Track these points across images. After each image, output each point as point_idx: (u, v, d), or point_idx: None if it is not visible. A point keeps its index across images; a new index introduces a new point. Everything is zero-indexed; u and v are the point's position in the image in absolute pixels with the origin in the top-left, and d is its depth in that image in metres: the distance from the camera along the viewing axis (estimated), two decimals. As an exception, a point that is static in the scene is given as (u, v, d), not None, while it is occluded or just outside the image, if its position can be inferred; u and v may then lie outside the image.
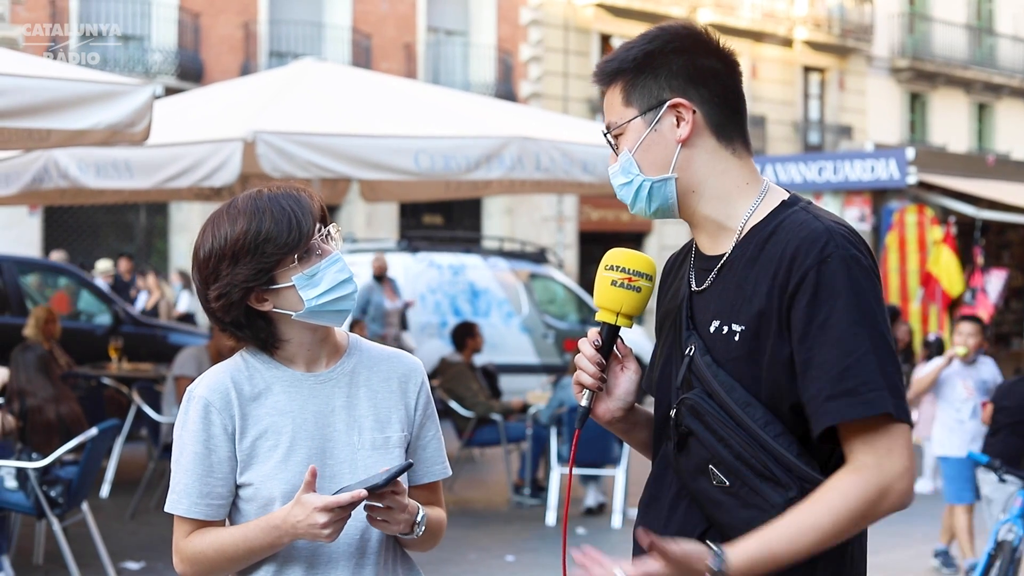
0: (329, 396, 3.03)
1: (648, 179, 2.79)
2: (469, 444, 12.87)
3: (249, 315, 2.96)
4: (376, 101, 11.63)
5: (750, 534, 2.55)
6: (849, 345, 2.56)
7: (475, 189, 14.41)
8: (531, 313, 19.83)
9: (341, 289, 2.96)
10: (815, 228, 2.64)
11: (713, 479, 2.66)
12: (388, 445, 3.04)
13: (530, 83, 30.92)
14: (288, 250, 2.90)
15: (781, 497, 2.58)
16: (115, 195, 13.00)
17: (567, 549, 3.01)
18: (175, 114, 11.23)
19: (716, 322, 2.72)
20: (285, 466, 2.94)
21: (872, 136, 33.69)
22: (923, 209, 17.65)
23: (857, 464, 2.57)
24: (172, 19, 26.45)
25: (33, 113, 7.83)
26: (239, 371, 3.01)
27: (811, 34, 35.93)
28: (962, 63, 39.93)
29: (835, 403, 2.55)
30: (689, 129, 2.76)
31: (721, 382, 2.66)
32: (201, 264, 2.96)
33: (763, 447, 2.60)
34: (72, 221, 25.21)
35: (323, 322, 2.99)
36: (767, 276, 2.65)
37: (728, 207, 2.79)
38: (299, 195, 2.96)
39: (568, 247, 30.73)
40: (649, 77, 2.77)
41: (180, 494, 2.95)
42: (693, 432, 2.69)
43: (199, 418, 2.94)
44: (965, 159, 23.32)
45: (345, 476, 2.97)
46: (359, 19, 28.72)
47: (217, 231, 2.93)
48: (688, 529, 2.74)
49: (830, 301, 2.58)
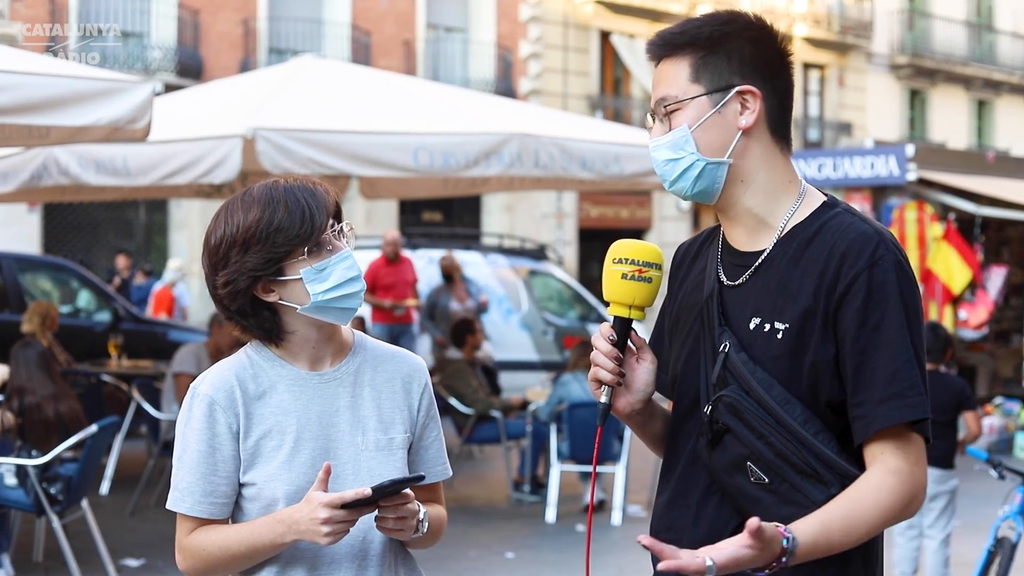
0: (334, 396, 3.02)
1: (703, 159, 2.77)
2: (469, 441, 12.87)
3: (255, 305, 2.95)
4: (375, 98, 11.63)
5: (808, 517, 2.56)
6: (897, 350, 2.60)
7: (474, 186, 14.40)
8: (531, 310, 19.83)
9: (348, 287, 2.94)
10: (865, 231, 2.67)
11: (751, 476, 2.67)
12: (392, 446, 3.03)
13: (529, 80, 30.90)
14: (299, 242, 2.89)
15: (823, 494, 2.61)
16: (115, 192, 13.00)
17: (590, 549, 3.00)
18: (175, 111, 11.22)
19: (757, 319, 2.72)
20: (290, 466, 2.94)
21: (872, 133, 33.68)
22: (923, 206, 17.62)
23: (892, 468, 2.61)
24: (172, 16, 26.42)
25: (33, 110, 7.82)
26: (244, 369, 2.99)
27: (811, 31, 35.91)
28: (962, 60, 39.92)
29: (885, 407, 2.59)
30: (754, 118, 2.76)
31: (759, 379, 2.66)
32: (211, 250, 2.94)
33: (804, 444, 2.62)
34: (72, 218, 25.20)
35: (328, 318, 2.97)
36: (813, 276, 2.67)
37: (772, 203, 2.79)
38: (315, 189, 2.96)
39: (568, 244, 30.72)
40: (722, 58, 2.77)
41: (183, 492, 2.93)
42: (731, 429, 2.68)
43: (203, 416, 2.93)
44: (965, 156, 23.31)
45: (349, 477, 2.97)
46: (358, 16, 28.70)
47: (231, 218, 2.92)
48: (719, 525, 2.75)
49: (882, 305, 2.61)
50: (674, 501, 2.86)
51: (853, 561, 2.69)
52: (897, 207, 17.82)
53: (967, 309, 17.53)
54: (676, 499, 2.86)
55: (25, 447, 8.34)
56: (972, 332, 17.77)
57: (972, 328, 17.64)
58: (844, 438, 2.66)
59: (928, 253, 17.33)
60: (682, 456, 2.87)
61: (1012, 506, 8.02)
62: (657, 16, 31.15)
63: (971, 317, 17.52)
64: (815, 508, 2.58)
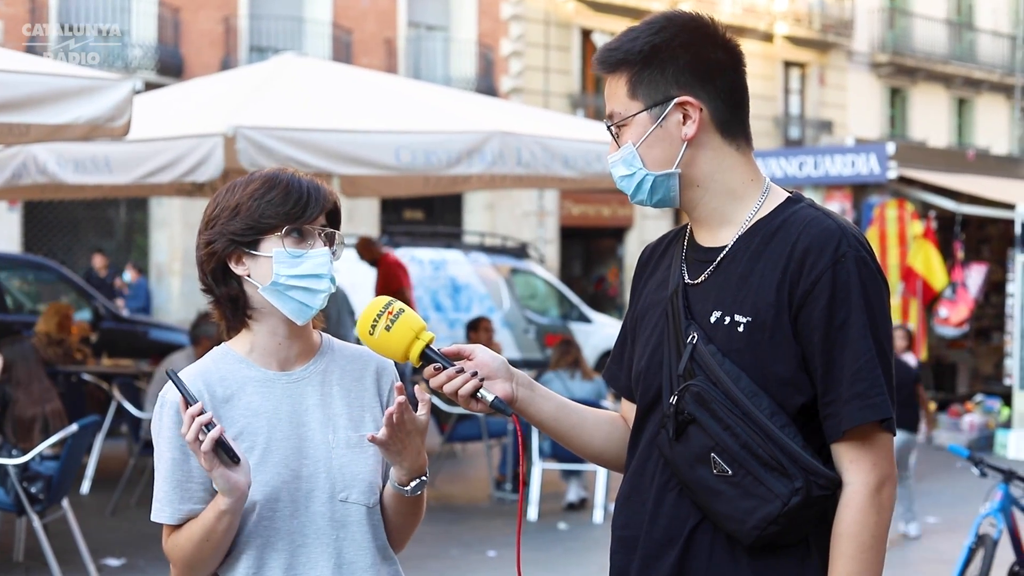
0: (303, 395, 2.99)
1: (651, 174, 2.77)
2: (450, 439, 12.85)
3: (226, 273, 2.94)
4: (356, 96, 11.62)
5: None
6: (860, 349, 2.62)
7: (455, 184, 14.38)
8: (512, 308, 19.85)
9: (313, 281, 2.90)
10: (828, 226, 2.67)
11: (715, 468, 2.65)
12: (363, 444, 3.00)
13: (511, 78, 30.90)
14: (284, 219, 2.89)
15: (786, 487, 2.60)
16: (95, 190, 12.96)
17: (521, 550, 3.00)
18: (155, 109, 11.18)
19: (717, 312, 2.72)
20: (263, 468, 2.90)
21: (852, 131, 33.72)
22: (903, 204, 17.67)
23: (861, 483, 2.64)
24: (152, 14, 26.35)
25: (12, 108, 7.80)
26: (210, 372, 2.96)
27: (791, 29, 35.99)
28: (942, 58, 40.03)
29: (848, 407, 2.61)
30: (696, 128, 2.74)
31: (727, 371, 2.66)
32: (209, 215, 2.96)
33: (769, 437, 2.61)
34: (51, 217, 25.11)
35: (283, 306, 2.93)
36: (776, 270, 2.67)
37: (734, 202, 2.79)
38: (321, 184, 2.98)
39: (549, 242, 30.73)
40: (656, 71, 2.75)
41: (162, 502, 2.91)
42: (696, 420, 2.67)
43: (172, 423, 2.88)
44: (945, 154, 23.36)
45: (321, 476, 2.95)
46: (339, 14, 28.67)
47: (237, 189, 2.95)
48: (677, 522, 2.74)
49: (846, 303, 2.62)
50: (631, 497, 2.85)
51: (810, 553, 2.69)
52: (878, 205, 17.89)
53: (948, 307, 17.59)
54: (633, 494, 2.85)
55: (5, 446, 8.32)
56: (953, 330, 17.85)
57: (953, 326, 17.71)
58: (807, 432, 2.67)
59: (909, 251, 17.39)
60: (640, 449, 2.85)
61: (993, 503, 8.05)
62: (638, 14, 31.12)
63: (952, 315, 17.59)
64: (778, 502, 2.60)
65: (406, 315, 2.81)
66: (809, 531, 2.66)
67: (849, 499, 2.63)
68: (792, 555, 2.66)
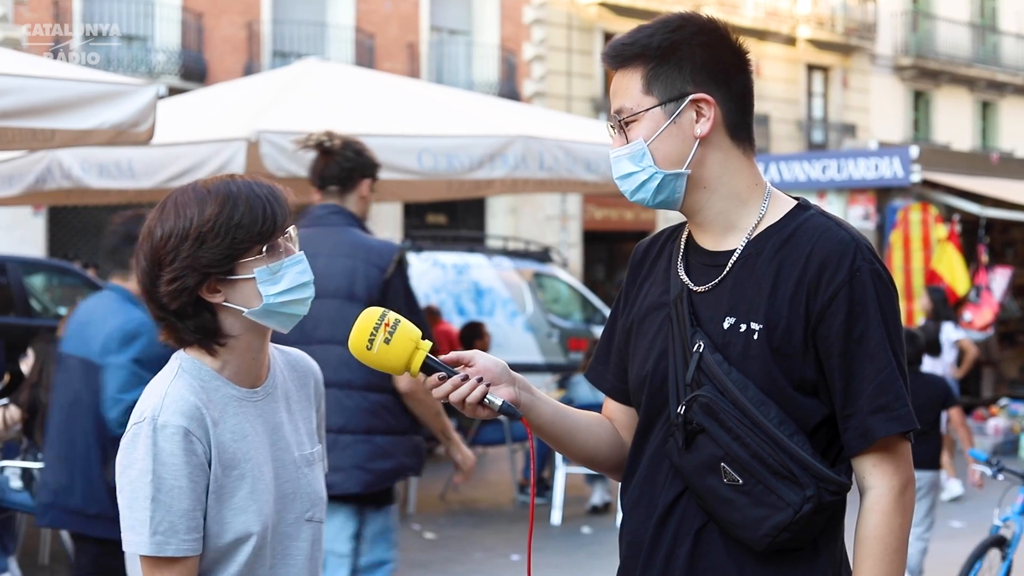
0: (272, 412, 2.87)
1: (661, 172, 2.75)
2: (474, 443, 12.86)
3: (197, 305, 2.74)
4: (379, 101, 11.63)
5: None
6: (881, 362, 2.63)
7: (478, 188, 14.37)
8: (535, 312, 19.83)
9: (299, 292, 2.78)
10: (842, 238, 2.67)
11: (725, 477, 2.65)
12: (315, 459, 2.94)
13: (533, 82, 30.91)
14: (260, 239, 2.72)
15: (798, 496, 2.60)
16: (119, 195, 12.99)
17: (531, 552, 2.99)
18: (179, 114, 11.22)
19: (731, 319, 2.71)
20: (253, 497, 2.76)
21: (876, 134, 33.66)
22: (927, 207, 17.62)
23: (885, 488, 2.66)
24: (175, 19, 26.46)
25: (37, 113, 7.82)
26: (197, 393, 2.75)
27: (814, 32, 35.92)
28: (966, 61, 39.91)
29: (872, 419, 2.62)
30: (710, 126, 2.73)
31: (734, 380, 2.65)
32: (157, 244, 2.72)
33: (779, 446, 2.61)
34: (76, 221, 25.22)
35: (273, 324, 2.79)
36: (790, 278, 2.67)
37: (739, 207, 2.78)
38: (273, 186, 2.81)
39: (572, 246, 30.73)
40: (674, 67, 2.74)
41: (166, 534, 2.65)
42: (705, 429, 2.66)
43: (181, 450, 2.67)
44: (969, 157, 23.30)
45: (295, 495, 2.86)
46: (362, 19, 28.73)
47: (182, 211, 2.72)
48: (685, 527, 2.74)
49: (864, 317, 2.63)
50: (640, 503, 2.84)
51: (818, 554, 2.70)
52: (901, 209, 17.83)
53: (972, 310, 17.53)
54: (642, 500, 2.83)
55: (31, 448, 8.34)
56: (977, 333, 17.77)
57: (977, 329, 17.64)
58: (816, 442, 2.67)
59: (932, 255, 17.33)
60: (647, 458, 2.84)
61: (1012, 507, 8.03)
62: (661, 18, 31.13)
63: (976, 318, 17.52)
64: (789, 510, 2.60)
65: (403, 325, 2.69)
66: (819, 533, 2.68)
67: (874, 503, 2.64)
68: (800, 556, 2.68)
